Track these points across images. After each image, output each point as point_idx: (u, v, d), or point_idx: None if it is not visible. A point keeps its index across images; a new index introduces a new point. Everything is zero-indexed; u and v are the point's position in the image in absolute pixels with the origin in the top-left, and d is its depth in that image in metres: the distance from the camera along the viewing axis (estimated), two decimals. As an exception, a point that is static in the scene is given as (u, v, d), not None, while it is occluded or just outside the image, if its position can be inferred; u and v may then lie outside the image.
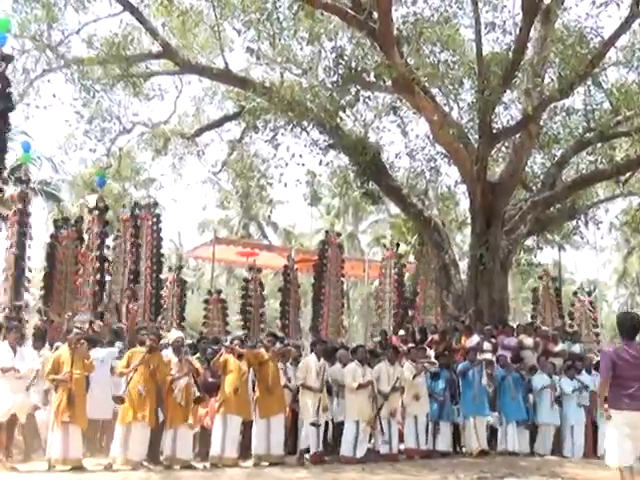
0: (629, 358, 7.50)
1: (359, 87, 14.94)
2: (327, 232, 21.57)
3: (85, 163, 25.29)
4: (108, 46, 16.84)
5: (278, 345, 12.20)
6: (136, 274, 18.10)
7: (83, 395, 10.31)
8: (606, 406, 7.60)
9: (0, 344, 10.40)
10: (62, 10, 17.01)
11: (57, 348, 10.98)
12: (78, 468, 10.01)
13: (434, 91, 17.05)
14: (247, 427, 11.57)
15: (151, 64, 18.86)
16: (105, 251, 17.04)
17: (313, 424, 11.50)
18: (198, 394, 10.80)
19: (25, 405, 10.27)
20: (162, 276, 19.46)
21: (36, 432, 11.03)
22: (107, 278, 17.14)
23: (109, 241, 17.85)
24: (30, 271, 15.28)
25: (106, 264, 16.94)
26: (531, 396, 13.75)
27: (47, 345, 11.88)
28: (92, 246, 16.64)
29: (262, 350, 11.78)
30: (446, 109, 17.13)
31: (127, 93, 18.58)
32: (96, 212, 16.76)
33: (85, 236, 17.23)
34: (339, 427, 12.10)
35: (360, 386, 11.79)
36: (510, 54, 15.70)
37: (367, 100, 15.94)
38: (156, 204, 19.47)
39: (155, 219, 19.00)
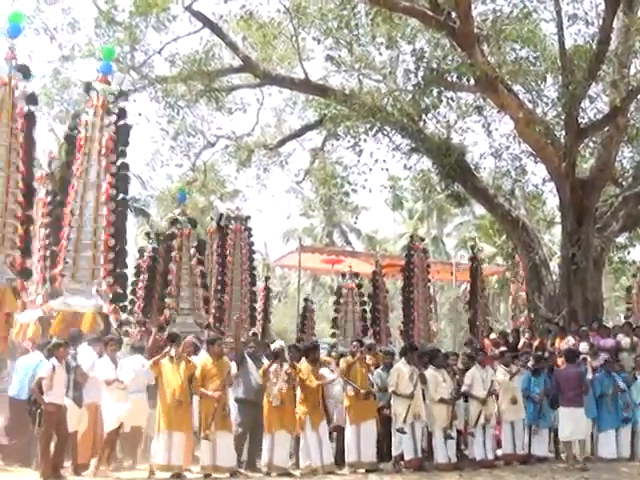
0: None
1: (441, 88, 14.80)
2: (411, 237, 21.43)
3: (171, 178, 25.85)
4: (190, 63, 17.21)
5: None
6: (223, 285, 18.39)
7: (188, 403, 10.49)
8: None
9: (102, 357, 10.70)
10: (143, 32, 17.49)
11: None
12: (178, 475, 10.19)
13: (517, 88, 16.74)
14: (341, 434, 11.58)
15: (232, 78, 19.18)
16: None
17: (399, 430, 11.41)
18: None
19: (129, 414, 10.52)
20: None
21: (139, 440, 11.23)
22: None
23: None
24: None
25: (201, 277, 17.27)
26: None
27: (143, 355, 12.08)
28: (186, 259, 16.96)
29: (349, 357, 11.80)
30: (530, 106, 16.78)
31: (210, 108, 18.95)
32: (188, 225, 17.12)
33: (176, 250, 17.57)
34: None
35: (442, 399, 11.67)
36: (594, 46, 15.29)
37: (450, 101, 15.77)
38: (248, 217, 19.75)
39: (247, 232, 19.33)
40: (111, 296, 13.52)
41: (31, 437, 10.90)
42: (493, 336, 16.49)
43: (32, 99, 13.66)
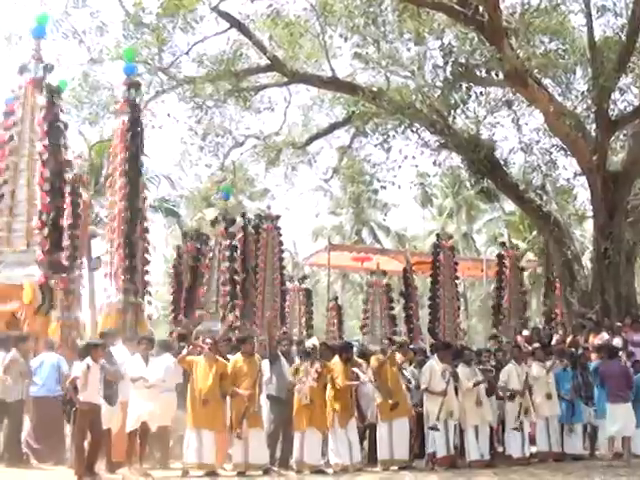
0: None
1: (470, 83, 14.71)
2: (438, 235, 21.34)
3: (200, 178, 25.96)
4: (218, 63, 17.27)
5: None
6: (255, 284, 18.49)
7: (217, 401, 10.53)
8: None
9: (133, 355, 10.78)
10: (171, 33, 17.55)
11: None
12: (212, 474, 10.23)
13: (546, 82, 16.59)
14: (373, 432, 11.56)
15: (259, 77, 19.19)
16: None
17: (432, 428, 11.36)
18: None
19: (155, 414, 10.57)
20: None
21: (168, 439, 11.26)
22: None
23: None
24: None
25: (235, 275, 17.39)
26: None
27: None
28: (221, 258, 17.06)
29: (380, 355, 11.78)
30: (560, 99, 16.62)
31: (238, 107, 19.00)
32: (223, 224, 17.22)
33: (211, 249, 17.70)
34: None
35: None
36: (623, 37, 15.09)
37: (479, 96, 15.67)
38: (278, 216, 19.83)
39: (277, 231, 19.44)
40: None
41: (61, 435, 11.08)
42: (526, 332, 16.34)
43: (56, 90, 13.76)
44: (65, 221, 13.91)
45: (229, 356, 11.15)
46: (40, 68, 13.54)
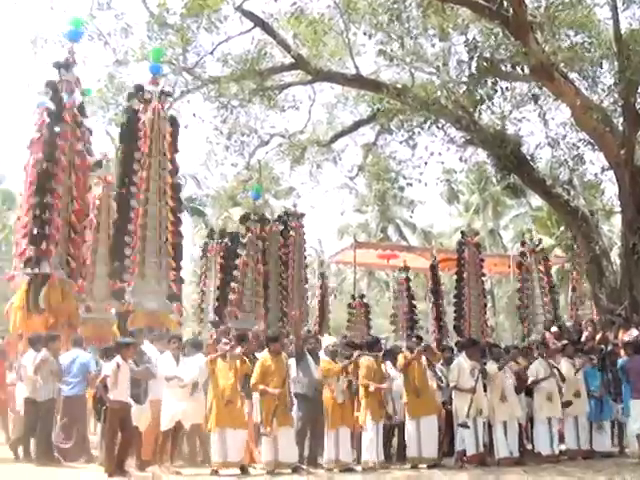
0: None
1: (495, 78, 14.61)
2: (462, 233, 21.26)
3: (226, 178, 26.08)
4: (242, 63, 17.31)
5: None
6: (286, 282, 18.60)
7: (241, 400, 10.55)
8: None
9: (164, 354, 10.87)
10: (195, 33, 17.62)
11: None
12: (242, 472, 10.26)
13: (572, 75, 16.41)
14: (402, 430, 11.55)
15: (284, 76, 19.22)
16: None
17: (461, 425, 11.32)
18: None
19: (189, 413, 10.64)
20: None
21: (201, 439, 11.31)
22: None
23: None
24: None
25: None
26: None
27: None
28: (253, 257, 17.18)
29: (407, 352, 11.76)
30: (587, 93, 16.44)
31: (263, 106, 19.03)
32: (257, 224, 17.35)
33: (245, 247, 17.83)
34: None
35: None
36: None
37: (504, 91, 15.54)
38: (303, 214, 19.93)
39: (302, 228, 19.56)
40: (167, 297, 13.77)
41: (86, 433, 11.20)
42: (554, 329, 16.21)
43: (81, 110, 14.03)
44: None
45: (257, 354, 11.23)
46: (68, 71, 13.74)
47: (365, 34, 16.21)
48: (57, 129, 13.35)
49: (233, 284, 17.53)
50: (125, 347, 10.08)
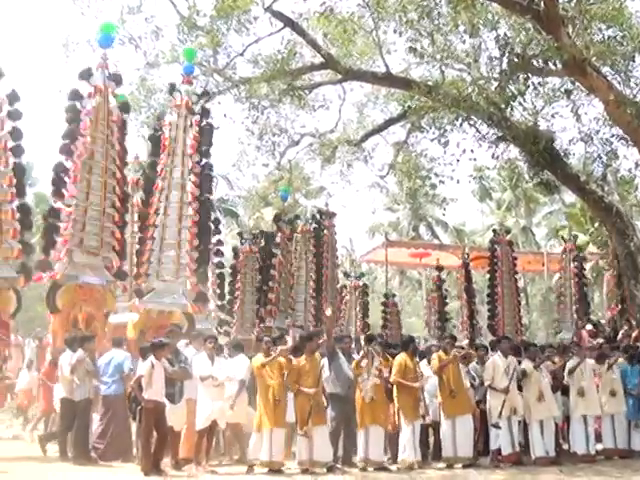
0: None
1: (527, 74, 14.46)
2: (494, 231, 21.13)
3: (257, 178, 26.20)
4: (272, 63, 17.31)
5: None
6: (319, 282, 18.65)
7: (285, 400, 10.61)
8: None
9: (199, 354, 10.94)
10: (225, 35, 17.68)
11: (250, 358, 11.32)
12: (278, 471, 10.31)
13: (605, 70, 16.17)
14: (437, 429, 11.50)
15: (314, 75, 19.22)
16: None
17: (494, 426, 11.26)
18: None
19: (224, 412, 10.69)
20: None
21: (238, 437, 11.38)
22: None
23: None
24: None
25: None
26: None
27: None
28: (286, 257, 17.28)
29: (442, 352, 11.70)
30: (620, 87, 16.20)
31: (293, 106, 19.03)
32: (288, 225, 17.44)
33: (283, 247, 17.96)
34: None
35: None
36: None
37: (537, 87, 15.36)
38: (335, 213, 20.01)
39: (335, 227, 19.65)
40: (195, 295, 13.83)
41: (128, 433, 11.30)
42: (589, 327, 16.03)
43: (125, 107, 14.20)
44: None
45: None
46: (106, 76, 13.93)
47: (395, 32, 16.11)
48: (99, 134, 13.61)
49: (271, 283, 17.65)
50: (159, 347, 10.17)
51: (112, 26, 14.88)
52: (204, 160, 14.62)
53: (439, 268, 20.34)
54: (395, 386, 11.12)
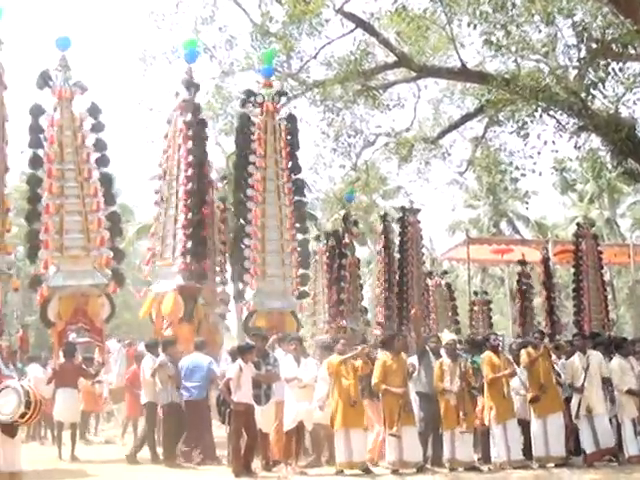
0: None
1: (607, 60, 14.06)
2: (578, 224, 20.69)
3: (334, 180, 26.27)
4: (345, 64, 17.31)
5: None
6: (402, 280, 18.63)
7: (361, 401, 10.61)
8: None
9: (285, 356, 11.05)
10: (298, 39, 17.80)
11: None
12: (366, 470, 10.31)
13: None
14: (526, 428, 11.29)
15: (387, 74, 19.15)
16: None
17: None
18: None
19: (311, 413, 10.76)
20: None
21: (327, 439, 11.39)
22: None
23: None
24: None
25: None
26: None
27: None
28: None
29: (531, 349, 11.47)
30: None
31: (368, 106, 19.00)
32: (355, 228, 17.54)
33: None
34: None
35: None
36: None
37: (617, 73, 14.90)
38: (419, 210, 20.01)
39: (419, 224, 19.65)
40: (297, 295, 14.11)
41: (207, 435, 11.47)
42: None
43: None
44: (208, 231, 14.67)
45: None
46: (189, 91, 14.30)
47: (469, 25, 15.91)
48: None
49: (342, 283, 17.69)
50: (247, 350, 10.32)
51: (194, 41, 15.25)
52: (293, 163, 14.90)
53: (522, 263, 19.95)
54: (486, 384, 10.98)
